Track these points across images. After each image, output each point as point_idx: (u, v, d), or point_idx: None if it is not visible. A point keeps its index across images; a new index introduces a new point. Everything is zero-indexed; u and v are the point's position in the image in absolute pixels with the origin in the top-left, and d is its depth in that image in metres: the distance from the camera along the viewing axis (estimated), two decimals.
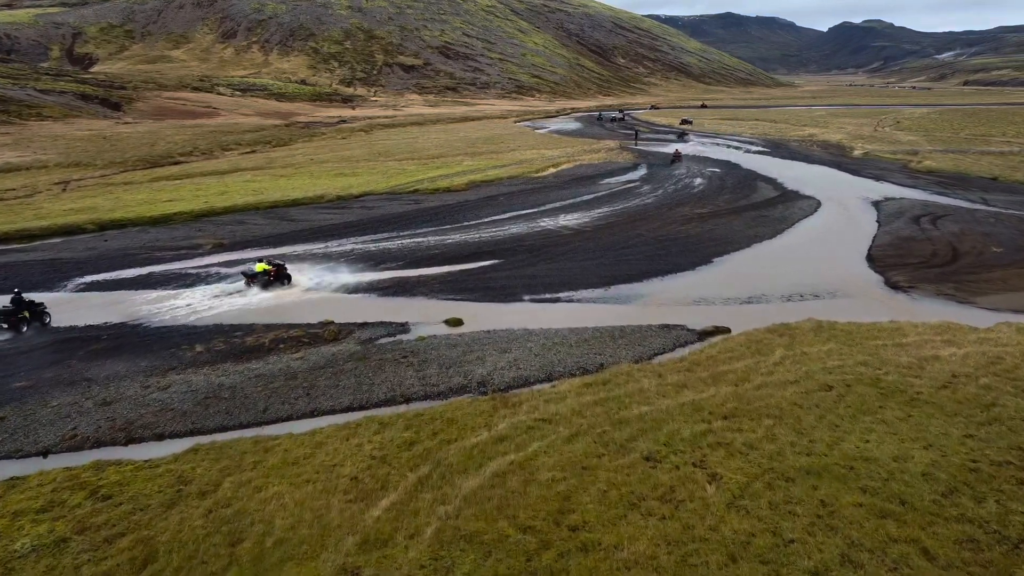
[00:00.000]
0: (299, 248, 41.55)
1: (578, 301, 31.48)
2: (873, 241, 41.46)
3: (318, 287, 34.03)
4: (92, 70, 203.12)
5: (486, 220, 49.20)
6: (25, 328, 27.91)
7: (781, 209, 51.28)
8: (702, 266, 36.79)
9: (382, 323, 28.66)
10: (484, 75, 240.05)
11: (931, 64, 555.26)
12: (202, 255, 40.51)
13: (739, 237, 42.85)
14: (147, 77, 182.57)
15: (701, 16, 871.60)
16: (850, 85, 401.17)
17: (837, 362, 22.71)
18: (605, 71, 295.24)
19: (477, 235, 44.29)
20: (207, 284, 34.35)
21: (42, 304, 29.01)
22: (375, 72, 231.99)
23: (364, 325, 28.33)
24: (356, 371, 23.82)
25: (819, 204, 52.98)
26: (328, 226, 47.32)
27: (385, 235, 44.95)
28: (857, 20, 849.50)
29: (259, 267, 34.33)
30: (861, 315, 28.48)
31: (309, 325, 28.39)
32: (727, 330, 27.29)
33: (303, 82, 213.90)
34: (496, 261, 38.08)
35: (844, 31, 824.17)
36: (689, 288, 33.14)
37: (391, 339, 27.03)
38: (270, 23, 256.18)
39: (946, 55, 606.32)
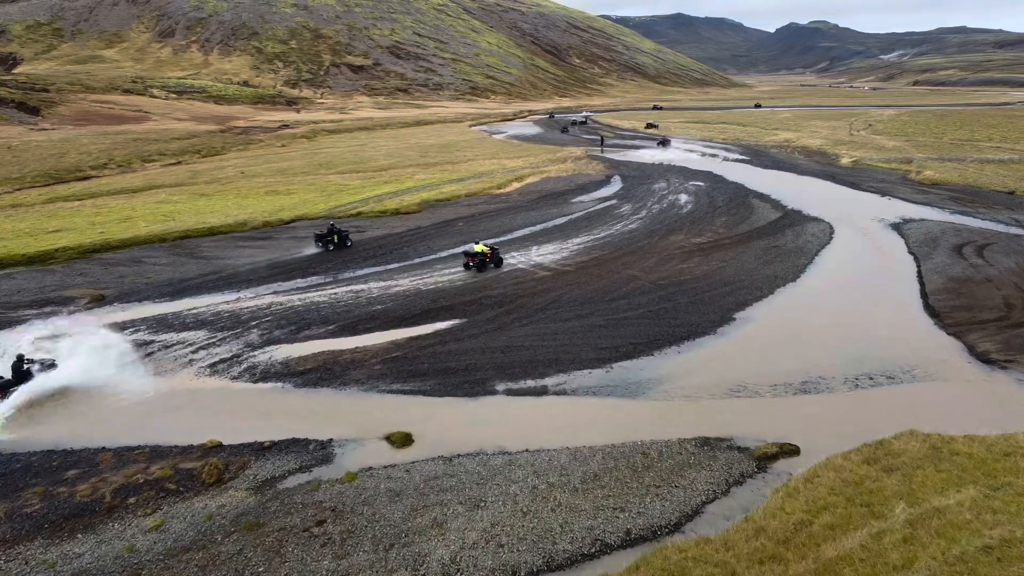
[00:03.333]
0: (201, 303, 32.11)
1: (572, 393, 22.81)
2: (922, 283, 33.65)
3: (213, 371, 24.80)
4: (15, 71, 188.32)
5: (443, 255, 40.35)
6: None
7: (791, 236, 43.43)
8: (724, 327, 28.44)
9: (294, 443, 19.64)
10: (437, 76, 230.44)
11: (877, 64, 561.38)
12: (72, 313, 30.87)
13: (756, 279, 34.68)
14: (74, 79, 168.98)
15: (652, 17, 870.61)
16: (802, 85, 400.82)
17: (996, 531, 14.50)
18: (561, 71, 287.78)
19: (432, 279, 35.39)
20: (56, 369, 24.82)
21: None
22: (322, 73, 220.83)
23: (266, 450, 19.28)
24: (239, 560, 14.80)
25: (832, 229, 45.31)
26: (245, 267, 37.92)
27: (316, 279, 35.79)
28: (803, 21, 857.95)
29: (478, 248, 37.23)
30: (968, 415, 20.45)
31: (184, 450, 19.23)
32: (795, 450, 18.96)
33: (245, 83, 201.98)
34: (456, 321, 29.25)
35: (791, 32, 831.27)
36: (717, 365, 24.74)
37: (304, 478, 18.04)
38: (210, 21, 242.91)
39: (891, 55, 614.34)
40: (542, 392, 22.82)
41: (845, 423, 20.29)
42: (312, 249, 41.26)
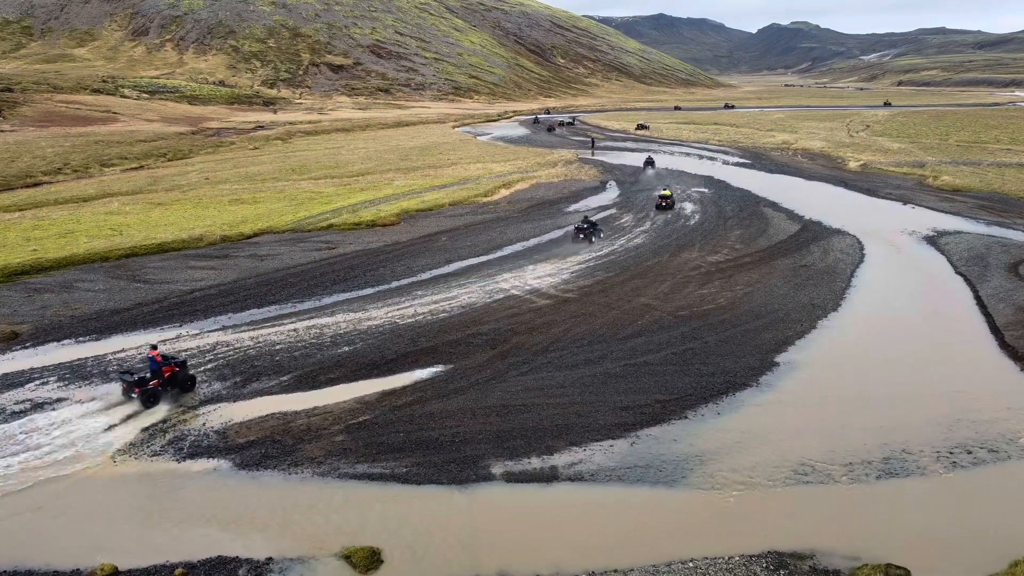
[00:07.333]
0: (132, 342, 26.62)
1: (591, 478, 17.60)
2: (988, 314, 28.77)
3: (129, 447, 19.36)
4: None
5: (424, 278, 35.07)
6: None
7: (818, 253, 38.56)
8: (767, 375, 23.35)
9: (218, 566, 14.31)
10: (419, 75, 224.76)
11: (858, 65, 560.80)
12: None
13: (791, 309, 29.68)
14: (41, 78, 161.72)
15: (634, 17, 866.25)
16: (786, 86, 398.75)
17: None
18: (545, 71, 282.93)
19: (411, 310, 30.09)
20: None
21: None
22: (301, 72, 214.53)
23: None
24: None
25: (860, 244, 40.51)
26: (193, 294, 32.42)
27: (273, 310, 30.39)
28: (785, 22, 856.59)
29: (666, 191, 48.36)
30: None
31: None
32: (904, 575, 13.94)
33: (221, 83, 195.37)
34: (440, 369, 24.00)
35: (772, 32, 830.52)
36: (770, 434, 19.62)
37: None
38: (186, 19, 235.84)
39: (871, 56, 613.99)
40: (552, 477, 17.61)
41: (957, 526, 15.33)
42: (272, 266, 35.82)
